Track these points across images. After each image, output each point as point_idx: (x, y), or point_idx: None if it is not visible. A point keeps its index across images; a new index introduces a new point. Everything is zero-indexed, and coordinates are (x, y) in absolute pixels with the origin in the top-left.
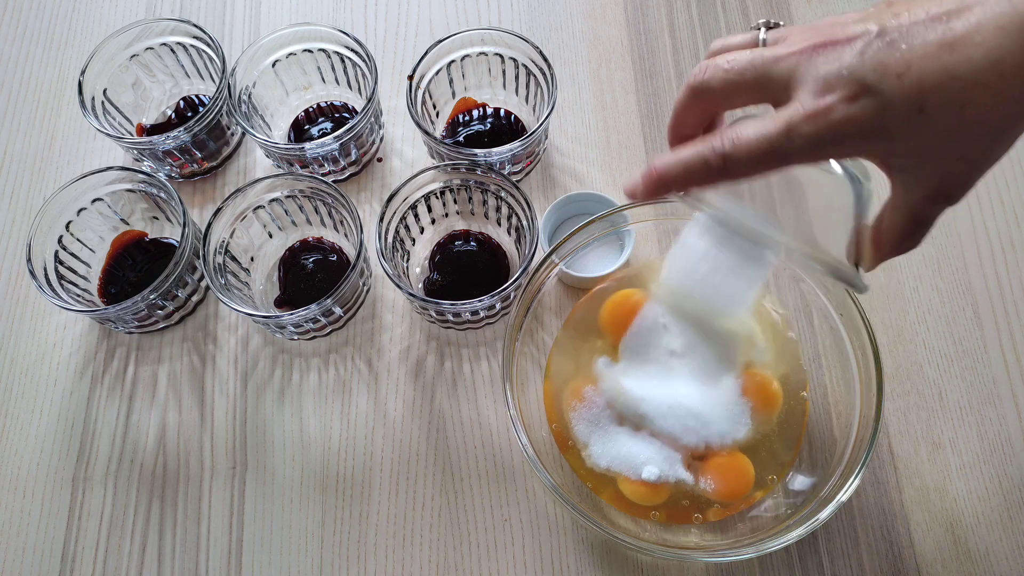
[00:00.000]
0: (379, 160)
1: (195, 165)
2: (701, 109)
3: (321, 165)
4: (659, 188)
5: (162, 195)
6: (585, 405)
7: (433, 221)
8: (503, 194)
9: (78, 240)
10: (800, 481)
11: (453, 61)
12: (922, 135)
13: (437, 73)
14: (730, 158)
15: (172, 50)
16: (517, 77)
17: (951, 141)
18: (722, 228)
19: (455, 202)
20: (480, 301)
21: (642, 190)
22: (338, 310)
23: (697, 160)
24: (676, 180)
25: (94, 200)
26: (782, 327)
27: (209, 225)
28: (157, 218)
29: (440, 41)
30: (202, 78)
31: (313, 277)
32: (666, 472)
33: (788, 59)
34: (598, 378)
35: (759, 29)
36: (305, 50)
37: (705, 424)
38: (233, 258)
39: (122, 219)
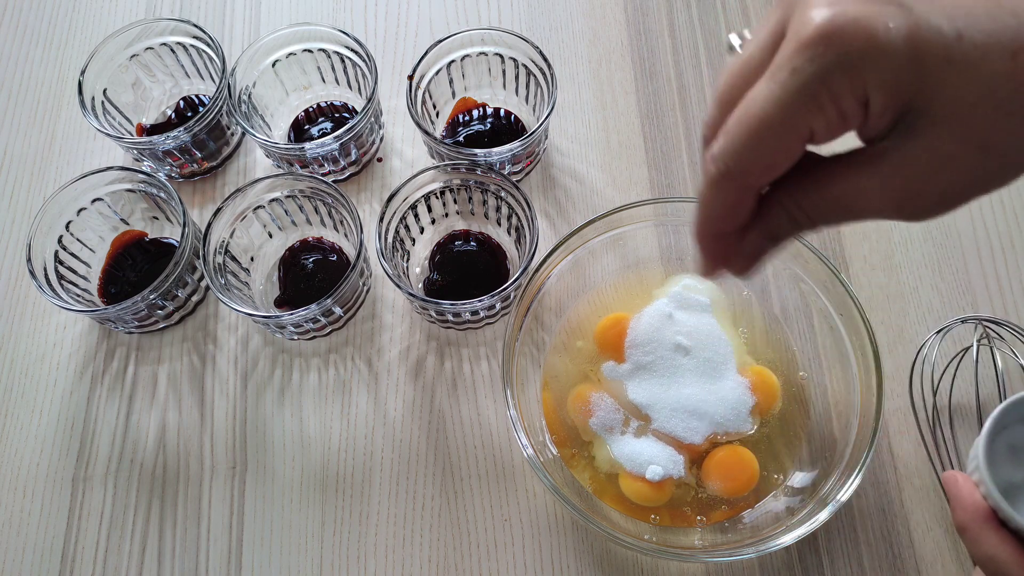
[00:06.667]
0: (379, 160)
1: (195, 165)
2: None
3: (321, 165)
4: (707, 244)
5: (162, 195)
6: (590, 410)
7: (433, 221)
8: (503, 194)
9: (78, 240)
10: (800, 480)
11: (453, 61)
12: (953, 78)
13: (437, 73)
14: (723, 154)
15: (172, 50)
16: (517, 77)
17: (987, 103)
18: None
19: (455, 202)
20: (480, 301)
21: (700, 259)
22: (338, 310)
23: (703, 183)
24: (707, 223)
25: (94, 200)
26: (759, 306)
27: (209, 225)
28: (157, 218)
29: (440, 41)
30: (202, 78)
31: (313, 277)
32: (670, 472)
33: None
34: (604, 382)
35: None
36: (305, 50)
37: (711, 424)
38: (233, 258)
39: (122, 219)
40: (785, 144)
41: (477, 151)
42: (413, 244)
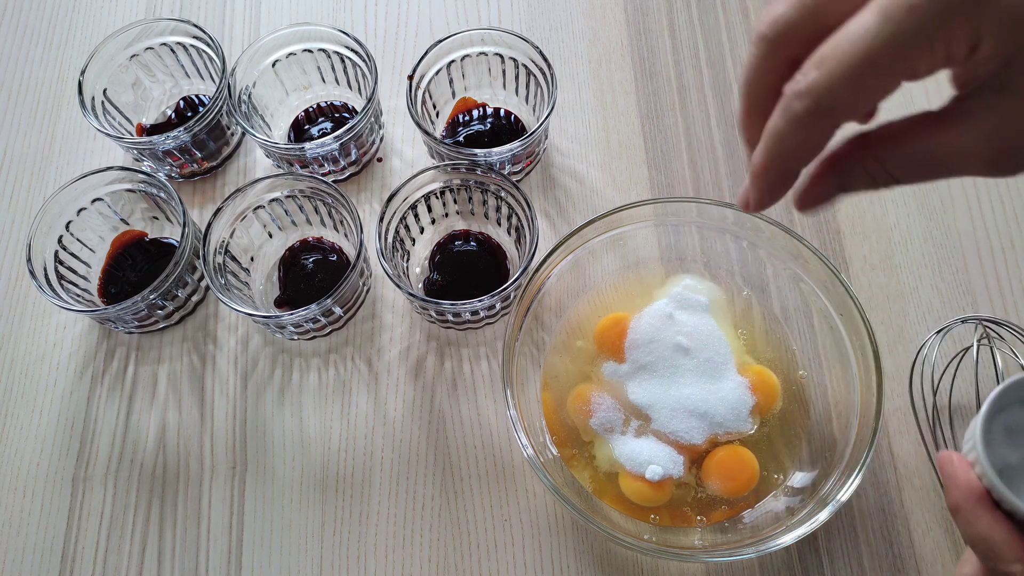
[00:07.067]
0: (379, 160)
1: (195, 165)
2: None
3: (321, 165)
4: (768, 179)
5: (162, 195)
6: (591, 410)
7: (433, 221)
8: (503, 194)
9: (78, 240)
10: (800, 480)
11: (453, 61)
12: None
13: (437, 73)
14: (816, 89)
15: (172, 50)
16: (517, 77)
17: None
18: None
19: (455, 202)
20: (480, 301)
21: (754, 193)
22: (338, 310)
23: (782, 119)
24: (781, 161)
25: (94, 200)
26: (759, 306)
27: (209, 225)
28: (157, 218)
29: (440, 41)
30: (202, 78)
31: (313, 277)
32: (670, 472)
33: None
34: (604, 382)
35: None
36: (305, 50)
37: (711, 424)
38: (233, 258)
39: (122, 219)
40: (886, 83)
41: (477, 151)
42: (413, 244)
